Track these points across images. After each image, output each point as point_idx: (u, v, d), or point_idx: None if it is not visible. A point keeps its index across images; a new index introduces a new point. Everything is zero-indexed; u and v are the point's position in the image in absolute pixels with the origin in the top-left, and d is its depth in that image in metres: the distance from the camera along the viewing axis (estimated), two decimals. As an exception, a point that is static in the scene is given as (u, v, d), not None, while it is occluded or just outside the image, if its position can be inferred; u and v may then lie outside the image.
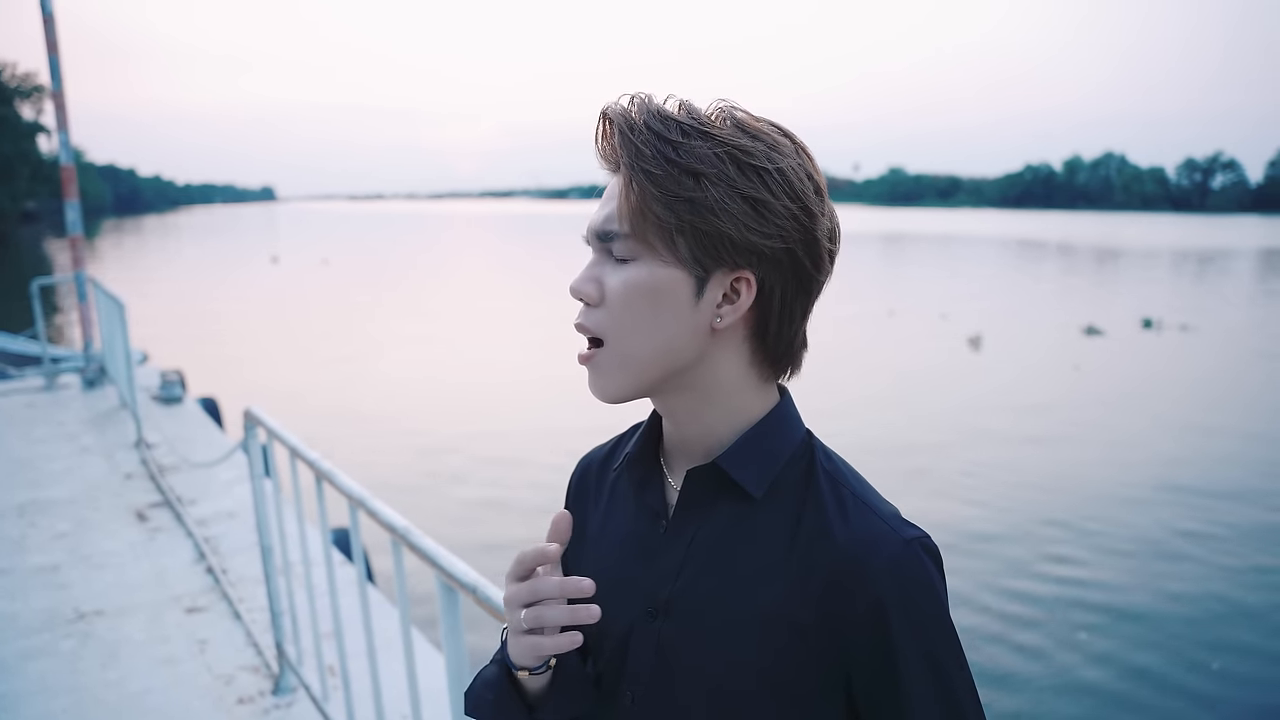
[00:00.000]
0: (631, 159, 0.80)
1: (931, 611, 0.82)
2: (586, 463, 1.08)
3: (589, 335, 0.87)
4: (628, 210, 0.82)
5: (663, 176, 0.79)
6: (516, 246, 63.20)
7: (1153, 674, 5.66)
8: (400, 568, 2.04)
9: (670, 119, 0.81)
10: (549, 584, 0.85)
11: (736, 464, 0.86)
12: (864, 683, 0.83)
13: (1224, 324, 21.91)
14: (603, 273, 0.86)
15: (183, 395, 8.12)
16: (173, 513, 5.25)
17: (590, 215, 0.88)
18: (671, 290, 0.82)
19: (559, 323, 10.73)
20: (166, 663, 3.56)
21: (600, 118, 0.85)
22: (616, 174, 0.85)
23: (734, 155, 0.80)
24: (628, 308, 0.83)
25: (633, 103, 0.83)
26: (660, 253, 0.82)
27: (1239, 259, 49.35)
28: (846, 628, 0.81)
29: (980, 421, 11.84)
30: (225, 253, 53.11)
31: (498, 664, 0.95)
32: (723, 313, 0.83)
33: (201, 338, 18.48)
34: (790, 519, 0.85)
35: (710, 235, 0.80)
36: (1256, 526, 8.16)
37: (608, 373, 0.86)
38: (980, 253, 51.90)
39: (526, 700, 0.92)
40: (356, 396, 13.32)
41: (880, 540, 0.82)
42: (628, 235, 0.83)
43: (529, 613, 0.85)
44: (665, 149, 0.79)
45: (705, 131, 0.81)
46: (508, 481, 9.31)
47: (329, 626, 3.35)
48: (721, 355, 0.86)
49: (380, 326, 20.87)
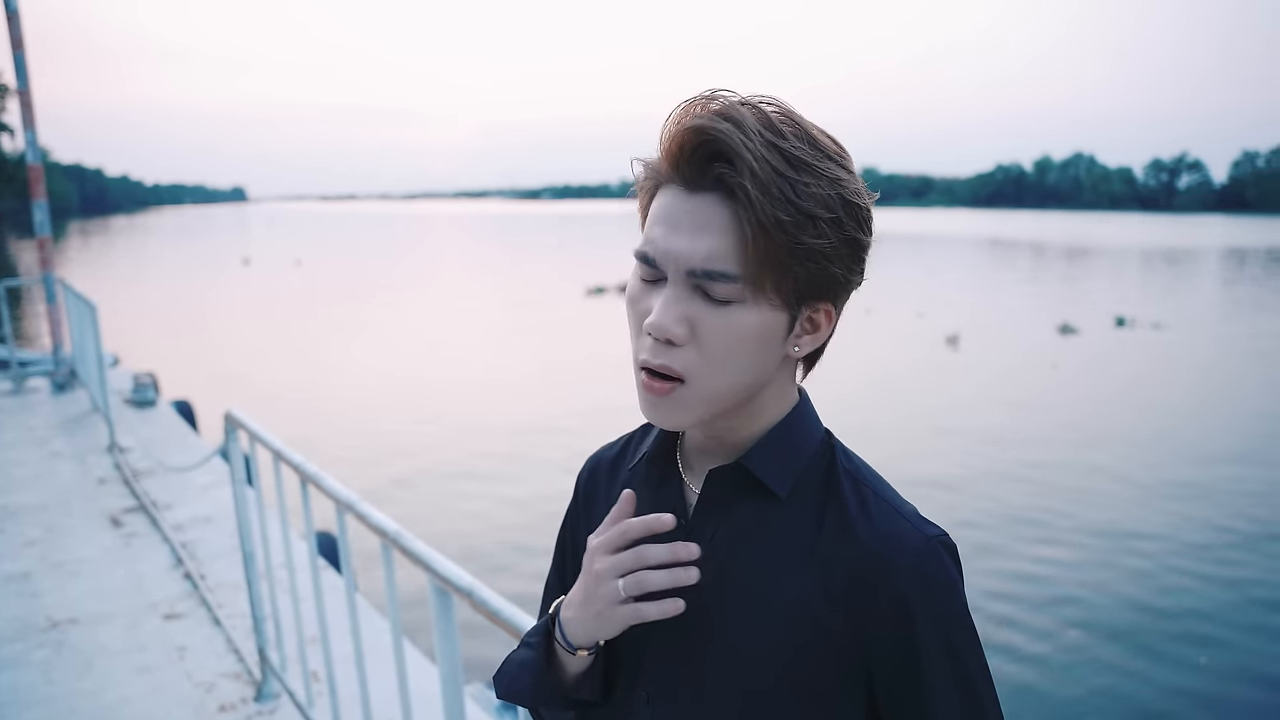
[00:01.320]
0: (760, 202, 0.74)
1: (953, 608, 0.82)
2: (596, 461, 1.07)
3: (670, 374, 0.81)
4: (752, 254, 0.76)
5: (790, 223, 0.74)
6: (491, 247, 62.97)
7: (1138, 670, 5.72)
8: (390, 572, 2.00)
9: (776, 148, 0.75)
10: (657, 550, 0.84)
11: (761, 463, 0.86)
12: (885, 679, 0.82)
13: (1193, 322, 22.28)
14: (694, 312, 0.78)
15: (156, 398, 7.99)
16: (148, 518, 5.16)
17: (657, 235, 0.80)
18: (773, 333, 0.81)
19: (535, 323, 10.81)
20: (144, 671, 3.49)
21: (684, 132, 0.77)
22: (691, 192, 0.78)
23: (842, 196, 0.77)
24: (729, 352, 0.79)
25: (735, 122, 0.75)
26: (770, 296, 0.78)
27: (1205, 258, 50.20)
28: (870, 624, 0.81)
29: (963, 420, 11.94)
30: (196, 254, 52.44)
31: (531, 646, 0.94)
32: (801, 342, 0.83)
33: (173, 340, 18.23)
34: (813, 517, 0.85)
35: (821, 280, 0.79)
36: (1236, 520, 8.28)
37: (686, 408, 0.82)
38: (954, 252, 52.41)
39: (562, 682, 0.92)
40: (333, 399, 13.20)
41: (903, 538, 0.82)
42: (741, 279, 0.77)
43: (632, 579, 0.83)
44: (786, 189, 0.74)
45: (811, 165, 0.76)
46: (491, 482, 9.26)
47: (312, 632, 3.29)
48: (781, 375, 0.86)
49: (354, 328, 20.69)
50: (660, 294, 0.80)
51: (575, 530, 1.06)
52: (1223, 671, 5.70)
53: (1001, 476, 9.52)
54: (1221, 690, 5.52)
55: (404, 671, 2.06)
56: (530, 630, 0.98)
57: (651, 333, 0.79)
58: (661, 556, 0.83)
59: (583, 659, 0.90)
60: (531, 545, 7.31)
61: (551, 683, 0.92)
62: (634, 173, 0.85)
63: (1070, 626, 6.24)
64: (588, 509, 1.03)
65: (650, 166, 0.83)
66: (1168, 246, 60.24)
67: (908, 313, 22.09)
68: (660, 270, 0.80)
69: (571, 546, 1.06)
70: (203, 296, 27.68)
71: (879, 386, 13.72)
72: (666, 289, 0.79)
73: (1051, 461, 10.12)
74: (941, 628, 0.81)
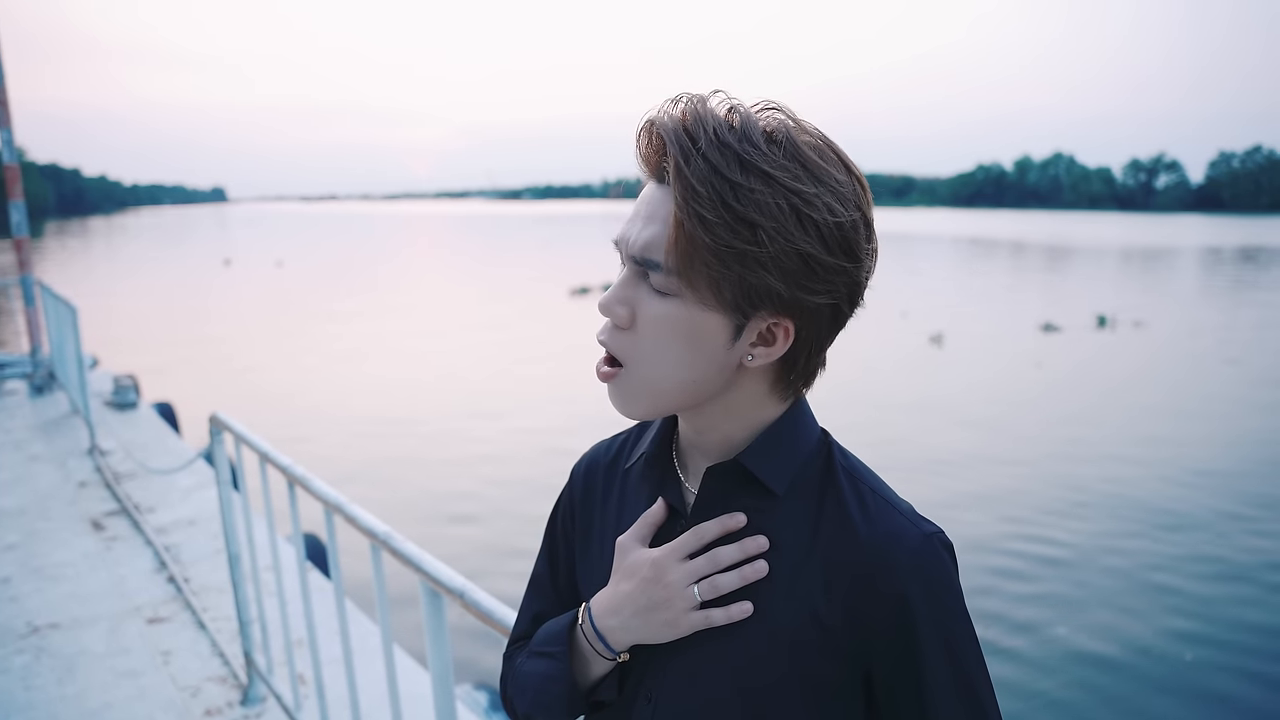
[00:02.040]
0: (686, 196, 0.74)
1: (952, 606, 0.83)
2: (592, 457, 1.06)
3: (613, 357, 0.85)
4: (675, 247, 0.77)
5: (718, 224, 0.74)
6: (474, 247, 62.77)
7: (1122, 665, 5.76)
8: (380, 574, 1.99)
9: (729, 149, 0.74)
10: (729, 551, 0.85)
11: (758, 461, 0.86)
12: (885, 676, 0.83)
13: (1173, 321, 22.51)
14: (637, 296, 0.82)
15: (137, 400, 7.91)
16: (130, 521, 5.11)
17: (625, 221, 0.84)
18: (708, 333, 0.80)
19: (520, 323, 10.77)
20: (128, 675, 3.45)
21: (646, 128, 0.79)
22: (661, 183, 0.80)
23: (795, 206, 0.75)
24: (659, 342, 0.81)
25: (688, 117, 0.76)
26: (703, 295, 0.78)
27: (1183, 257, 50.74)
28: (870, 621, 0.82)
29: (950, 418, 12.00)
30: (176, 255, 52.00)
31: (553, 656, 0.94)
32: (755, 353, 0.82)
33: (154, 342, 18.06)
34: (810, 515, 0.85)
35: (757, 288, 0.77)
36: (1218, 515, 8.38)
37: (628, 396, 0.85)
38: (936, 251, 52.71)
39: (585, 688, 0.94)
40: (317, 400, 13.11)
41: (902, 536, 0.82)
42: (671, 272, 0.78)
43: (708, 584, 0.84)
44: (724, 190, 0.73)
45: (765, 172, 0.74)
46: (478, 483, 9.23)
47: (299, 634, 3.27)
48: (745, 384, 0.85)
49: (337, 329, 20.57)
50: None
51: (568, 523, 1.05)
52: (1208, 667, 5.75)
53: (988, 474, 9.58)
54: (1207, 685, 5.57)
55: (394, 673, 2.05)
56: (544, 639, 0.97)
57: (600, 310, 0.83)
58: (733, 556, 0.84)
59: (608, 663, 0.91)
60: (520, 547, 7.30)
61: (577, 692, 0.93)
62: (638, 188, 0.87)
63: (1055, 623, 6.29)
64: (584, 504, 1.03)
65: (640, 175, 0.86)
66: (1146, 246, 60.85)
67: (891, 312, 22.16)
68: (621, 255, 0.84)
69: (564, 539, 1.05)
70: (183, 298, 27.44)
71: (865, 385, 13.76)
72: (621, 274, 0.84)
73: (1037, 460, 10.19)
74: (941, 625, 0.81)
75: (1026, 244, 62.60)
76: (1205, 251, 55.06)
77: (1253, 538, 7.88)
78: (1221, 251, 54.59)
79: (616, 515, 0.98)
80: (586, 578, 1.00)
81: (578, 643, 0.93)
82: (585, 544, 1.01)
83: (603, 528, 0.99)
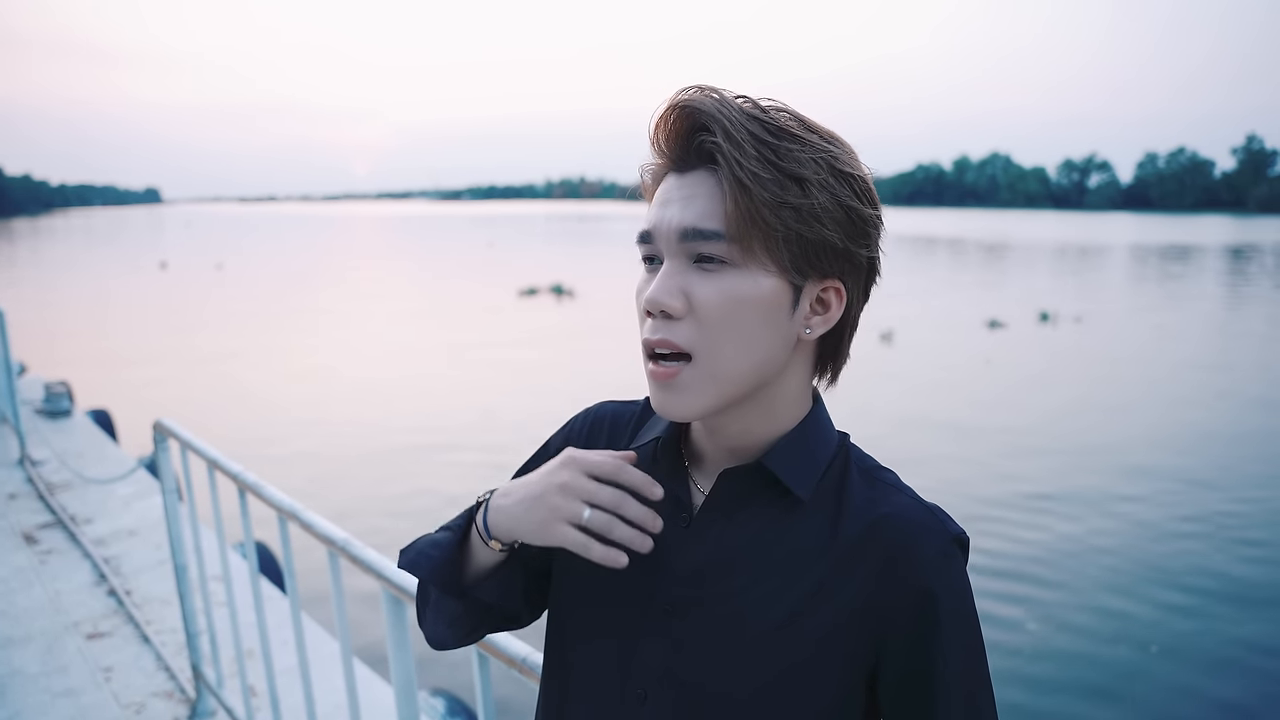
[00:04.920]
0: (734, 159, 0.75)
1: (968, 607, 0.83)
2: (599, 414, 1.01)
3: (675, 352, 0.80)
4: (731, 212, 0.76)
5: (770, 181, 0.75)
6: (418, 248, 62.04)
7: (1083, 657, 5.87)
8: (338, 581, 1.94)
9: (758, 120, 0.77)
10: (638, 508, 0.81)
11: (783, 465, 0.84)
12: (894, 674, 0.82)
13: (1110, 315, 23.31)
14: (688, 282, 0.79)
15: (71, 408, 7.63)
16: (66, 533, 4.92)
17: (653, 212, 0.82)
18: (771, 302, 0.79)
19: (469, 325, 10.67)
20: (66, 695, 3.31)
21: (672, 110, 0.79)
22: (681, 172, 0.81)
23: (830, 161, 0.78)
24: (727, 320, 0.78)
25: (714, 97, 0.78)
26: (763, 260, 0.77)
27: (1114, 253, 52.42)
28: (887, 617, 0.81)
29: (907, 415, 12.18)
30: (108, 258, 50.40)
31: (450, 529, 0.92)
32: (812, 323, 0.82)
33: (88, 348, 17.48)
34: (829, 517, 0.84)
35: (815, 243, 0.78)
36: (1169, 502, 8.66)
37: (696, 391, 0.80)
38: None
39: (467, 571, 0.91)
40: (260, 406, 12.82)
41: (928, 532, 0.82)
42: (730, 239, 0.77)
43: (605, 519, 0.80)
44: (766, 150, 0.76)
45: (797, 135, 0.78)
46: (431, 484, 9.10)
47: (250, 645, 3.18)
48: (795, 367, 0.85)
49: (281, 333, 20.15)
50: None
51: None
52: (1170, 658, 5.87)
53: (951, 472, 9.75)
54: (1168, 676, 5.68)
55: (353, 682, 1.99)
56: (455, 516, 0.94)
57: (648, 308, 0.80)
58: (640, 515, 0.80)
59: (494, 553, 0.88)
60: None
61: (456, 566, 0.89)
62: (641, 180, 0.87)
63: (1017, 618, 6.41)
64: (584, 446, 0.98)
65: (651, 170, 0.85)
66: (1080, 243, 62.69)
67: (837, 310, 22.46)
68: (657, 247, 0.81)
69: None
70: (118, 302, 26.61)
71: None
72: (664, 265, 0.80)
73: (996, 455, 10.40)
74: (957, 622, 0.81)
75: (966, 241, 64.02)
76: (1135, 248, 56.89)
77: (1203, 525, 8.15)
78: (1149, 249, 56.42)
79: None
80: (568, 554, 0.95)
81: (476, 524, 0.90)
82: None
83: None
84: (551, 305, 25.68)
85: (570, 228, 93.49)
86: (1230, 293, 30.75)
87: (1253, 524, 8.17)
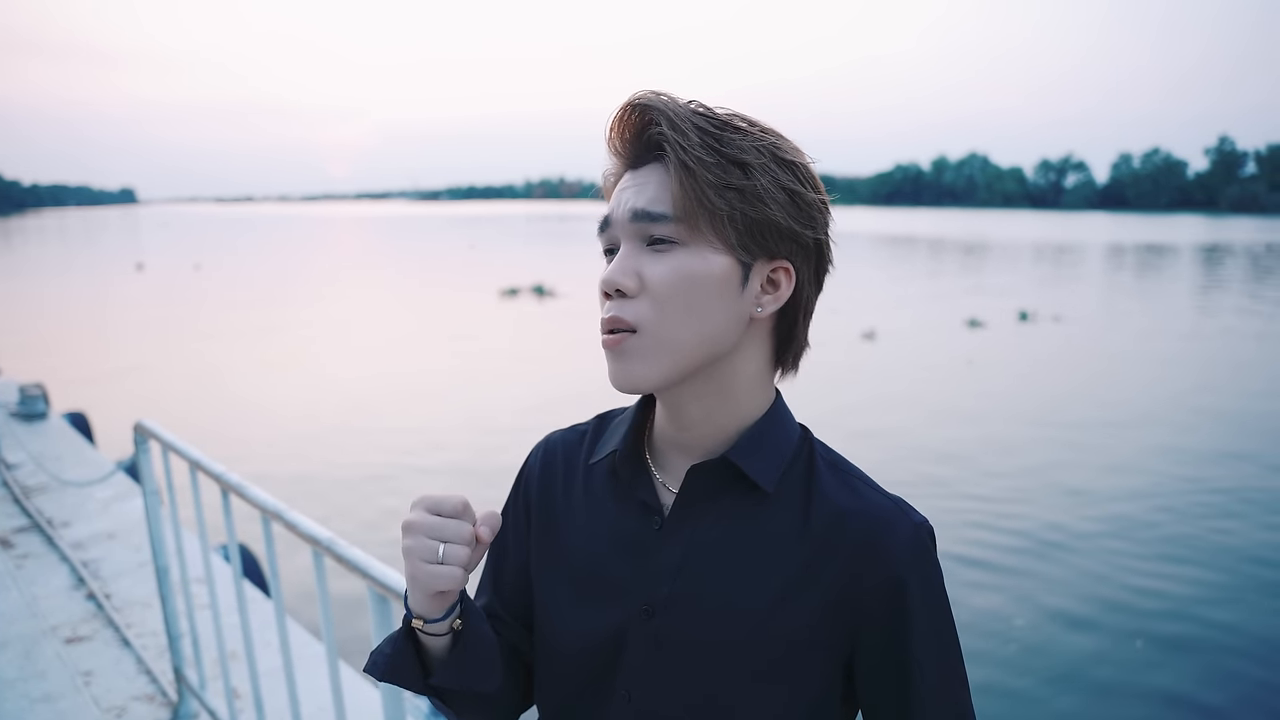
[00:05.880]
0: (681, 147, 0.80)
1: (938, 592, 0.86)
2: (549, 448, 1.03)
3: (625, 329, 0.83)
4: (677, 195, 0.81)
5: (714, 164, 0.80)
6: (398, 249, 61.70)
7: (1066, 656, 5.91)
8: (323, 580, 1.93)
9: (704, 115, 0.82)
10: (457, 528, 0.81)
11: (747, 458, 0.86)
12: (871, 660, 0.85)
13: (1088, 314, 23.53)
14: (641, 263, 0.83)
15: (47, 410, 7.55)
16: (43, 537, 4.87)
17: (610, 206, 0.86)
18: (720, 277, 0.82)
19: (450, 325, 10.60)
20: (44, 700, 3.28)
21: (625, 108, 0.84)
22: (634, 168, 0.86)
23: (771, 149, 0.83)
24: (675, 295, 0.82)
25: (662, 95, 0.83)
26: (710, 239, 0.82)
27: (1091, 252, 52.94)
28: (861, 607, 0.83)
29: (894, 415, 12.24)
30: (83, 259, 49.75)
31: (404, 623, 0.90)
32: (763, 301, 0.85)
33: (64, 350, 17.27)
34: (799, 509, 0.86)
35: (759, 223, 0.82)
36: (1153, 501, 8.73)
37: (643, 357, 0.83)
38: (857, 249, 53.78)
39: (425, 662, 0.89)
40: (240, 407, 12.71)
41: (894, 523, 0.85)
42: (677, 219, 0.81)
43: (450, 549, 0.80)
44: (710, 139, 0.81)
45: (737, 126, 0.83)
46: (410, 484, 9.07)
47: (233, 647, 3.16)
48: (750, 347, 0.87)
49: (260, 333, 19.98)
50: None
51: (520, 517, 1.02)
52: (1156, 655, 5.88)
53: (941, 471, 9.82)
54: (1154, 673, 5.71)
55: (338, 681, 1.99)
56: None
57: (604, 288, 0.83)
58: (455, 533, 0.80)
59: (440, 639, 0.86)
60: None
61: (409, 661, 0.87)
62: (604, 184, 0.90)
63: (995, 617, 6.46)
64: (544, 498, 1.00)
65: (611, 173, 0.89)
66: (1058, 242, 63.25)
67: (820, 308, 22.41)
68: (613, 234, 0.86)
69: (513, 532, 1.02)
70: (94, 304, 26.29)
71: (806, 382, 13.88)
72: (620, 249, 0.85)
73: (983, 455, 10.47)
74: (929, 610, 0.84)
75: (945, 241, 64.45)
76: (1110, 248, 57.50)
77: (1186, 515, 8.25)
78: (1125, 248, 57.06)
79: (582, 513, 0.96)
80: (546, 575, 0.97)
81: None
82: (546, 540, 0.98)
83: (567, 525, 0.96)
84: (533, 305, 25.63)
85: (551, 228, 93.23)
86: (1203, 291, 31.17)
87: (1233, 513, 8.31)
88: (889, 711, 0.85)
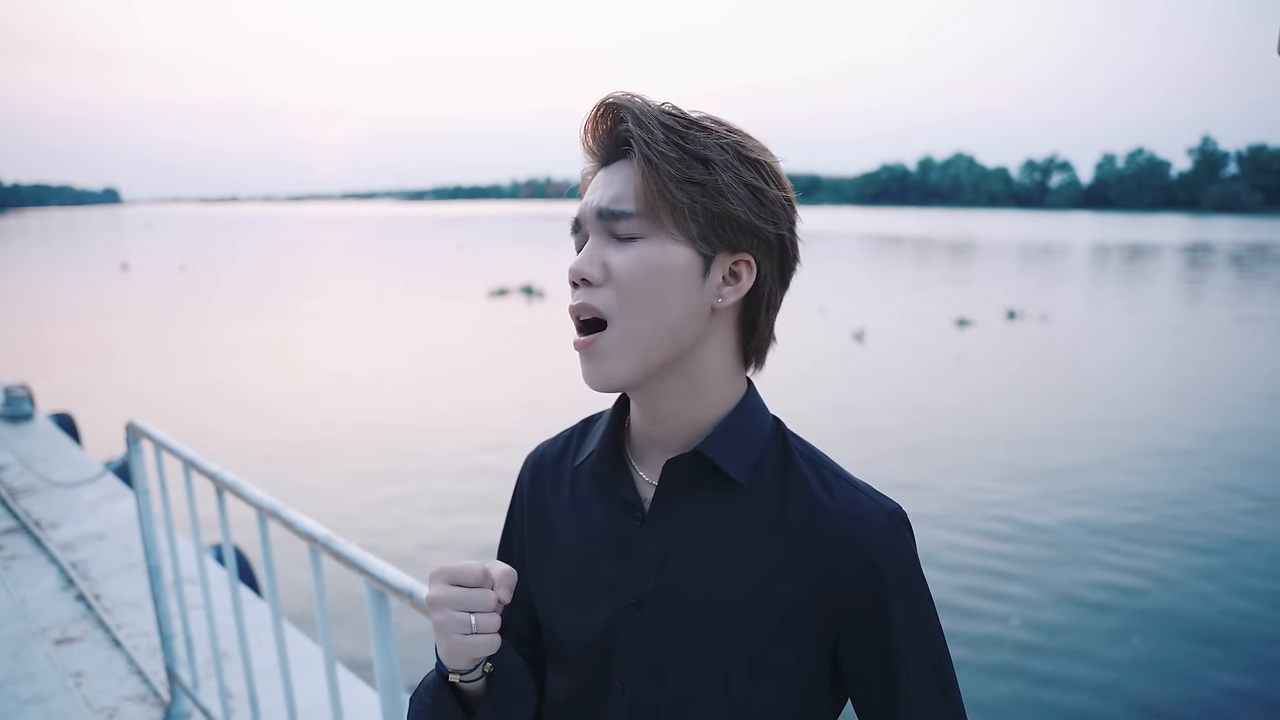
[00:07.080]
0: (646, 143, 0.83)
1: (916, 577, 0.87)
2: (538, 457, 1.06)
3: (592, 316, 0.86)
4: (641, 191, 0.84)
5: (676, 159, 0.83)
6: (385, 249, 61.46)
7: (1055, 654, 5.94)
8: (320, 578, 1.94)
9: (671, 114, 0.85)
10: (481, 596, 0.84)
11: (719, 450, 0.88)
12: (856, 647, 0.87)
13: (1074, 312, 23.78)
14: (606, 254, 0.86)
15: (33, 411, 7.50)
16: (31, 538, 4.84)
17: (582, 203, 0.88)
18: (682, 267, 0.84)
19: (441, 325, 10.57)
20: (34, 701, 3.27)
21: (598, 107, 0.87)
22: (607, 165, 0.88)
23: (735, 147, 0.85)
24: (638, 285, 0.84)
25: (632, 95, 0.86)
26: (672, 231, 0.84)
27: (1076, 251, 53.30)
28: (841, 596, 0.85)
29: (887, 415, 12.29)
30: (67, 259, 49.35)
31: (437, 668, 0.93)
32: (724, 293, 0.86)
33: (49, 351, 17.13)
34: (774, 500, 0.88)
35: (720, 216, 0.84)
36: (1138, 499, 8.81)
37: (613, 355, 0.85)
38: (845, 249, 53.95)
39: (465, 704, 0.92)
40: (227, 407, 12.65)
41: (868, 513, 0.87)
42: (640, 214, 0.84)
43: (480, 618, 0.84)
44: (674, 136, 0.83)
45: (705, 126, 0.85)
46: (403, 485, 9.04)
47: (226, 646, 3.16)
48: (715, 340, 0.88)
49: (247, 334, 19.88)
50: None
51: (520, 527, 1.04)
52: (1156, 655, 5.93)
53: (927, 468, 9.87)
54: (1146, 668, 5.76)
55: (334, 679, 1.99)
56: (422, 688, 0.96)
57: (572, 278, 0.86)
58: (487, 605, 0.84)
59: (475, 684, 0.89)
60: (448, 544, 7.19)
61: (450, 708, 0.90)
62: (582, 183, 0.93)
63: (1002, 617, 6.49)
64: (534, 505, 1.03)
65: (587, 173, 0.91)
66: (1043, 241, 63.63)
67: (810, 309, 22.53)
68: (584, 233, 0.89)
69: (516, 542, 1.05)
70: (79, 305, 26.07)
71: (798, 382, 13.91)
72: (587, 241, 0.88)
73: (972, 452, 10.53)
74: (908, 595, 0.86)
75: (931, 241, 64.72)
76: (1095, 247, 57.87)
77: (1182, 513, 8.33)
78: (1109, 248, 57.43)
79: (570, 515, 0.98)
80: (542, 580, 0.99)
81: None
82: (539, 545, 1.00)
83: (559, 528, 0.99)
84: (522, 305, 25.60)
85: (538, 228, 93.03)
86: (1188, 289, 31.42)
87: (1223, 506, 8.39)
88: (876, 698, 0.87)
